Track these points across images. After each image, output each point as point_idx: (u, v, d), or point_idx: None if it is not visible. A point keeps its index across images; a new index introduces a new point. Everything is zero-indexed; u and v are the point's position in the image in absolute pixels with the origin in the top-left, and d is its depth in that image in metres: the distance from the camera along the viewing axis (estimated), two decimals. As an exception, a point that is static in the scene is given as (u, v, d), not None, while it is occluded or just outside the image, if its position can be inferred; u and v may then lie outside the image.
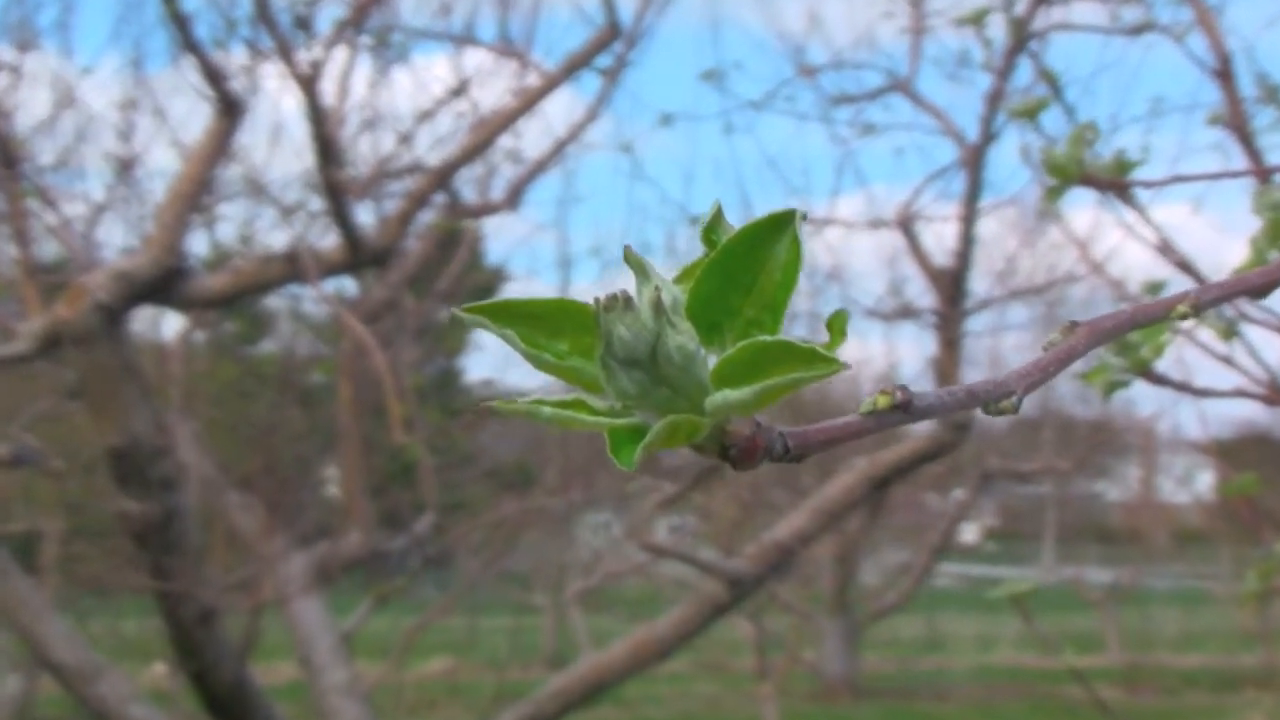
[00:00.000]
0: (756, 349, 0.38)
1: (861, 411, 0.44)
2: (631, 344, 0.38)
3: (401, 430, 2.84)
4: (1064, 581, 9.38)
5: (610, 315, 0.38)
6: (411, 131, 3.28)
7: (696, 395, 0.39)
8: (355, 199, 2.88)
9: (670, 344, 0.38)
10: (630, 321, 0.38)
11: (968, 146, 2.90)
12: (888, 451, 2.99)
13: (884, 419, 0.44)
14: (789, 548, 2.83)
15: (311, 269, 2.68)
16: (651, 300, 0.38)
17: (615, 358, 0.38)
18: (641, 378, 0.38)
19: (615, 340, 0.38)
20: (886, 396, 0.44)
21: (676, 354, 0.38)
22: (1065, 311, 4.32)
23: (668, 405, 0.39)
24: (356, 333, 2.83)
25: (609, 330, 0.38)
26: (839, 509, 2.95)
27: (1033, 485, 9.06)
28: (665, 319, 0.38)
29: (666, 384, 0.38)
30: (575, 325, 0.39)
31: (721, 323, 0.40)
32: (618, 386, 0.38)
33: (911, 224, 3.17)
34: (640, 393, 0.38)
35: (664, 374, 0.38)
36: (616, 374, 0.38)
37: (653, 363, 0.38)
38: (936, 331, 3.09)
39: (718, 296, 0.40)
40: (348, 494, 3.25)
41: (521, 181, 3.27)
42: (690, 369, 0.38)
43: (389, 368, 2.74)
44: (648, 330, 0.38)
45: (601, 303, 0.38)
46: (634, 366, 0.38)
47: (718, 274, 0.40)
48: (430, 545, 3.34)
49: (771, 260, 0.40)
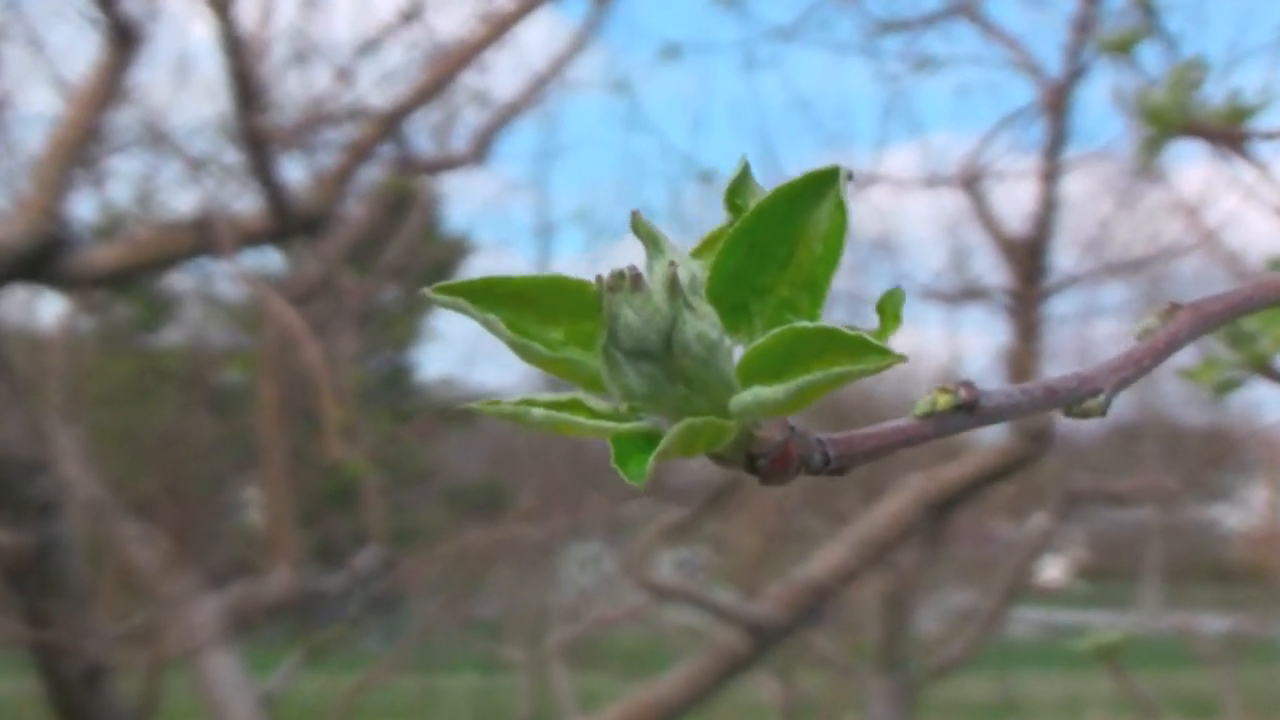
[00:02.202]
0: (792, 337, 0.39)
1: (917, 414, 0.45)
2: (641, 331, 0.39)
3: (340, 441, 2.86)
4: (1170, 630, 9.39)
5: (616, 296, 0.39)
6: (352, 66, 3.29)
7: (719, 393, 0.40)
8: (282, 151, 2.89)
9: (688, 331, 0.39)
10: (640, 304, 0.39)
11: (1049, 85, 2.92)
12: (949, 467, 3.01)
13: (945, 422, 0.46)
14: (825, 588, 2.85)
15: (227, 238, 2.69)
16: (665, 278, 0.39)
17: (621, 348, 0.39)
18: (653, 372, 0.39)
19: (621, 327, 0.39)
20: (948, 395, 0.45)
21: (695, 343, 0.39)
22: (1170, 291, 4.33)
23: (684, 405, 0.40)
24: (283, 318, 2.85)
25: (614, 314, 0.39)
26: (888, 539, 2.97)
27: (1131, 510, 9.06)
28: (682, 301, 0.39)
29: (683, 380, 0.40)
30: (572, 308, 0.40)
31: (750, 305, 0.41)
32: (624, 383, 0.40)
33: (978, 182, 3.19)
34: (651, 390, 0.39)
35: (680, 368, 0.39)
36: (622, 368, 0.39)
37: (666, 354, 0.39)
38: (1010, 316, 3.11)
39: (745, 273, 0.41)
40: (272, 521, 3.26)
41: (490, 129, 3.28)
42: (712, 361, 0.39)
43: (324, 362, 2.76)
44: (660, 314, 0.39)
45: (605, 281, 0.39)
46: (644, 358, 0.39)
47: (745, 246, 0.41)
48: (375, 584, 3.35)
49: (810, 229, 0.41)
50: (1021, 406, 0.48)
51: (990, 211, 3.17)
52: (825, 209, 0.41)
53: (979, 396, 0.46)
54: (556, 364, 0.41)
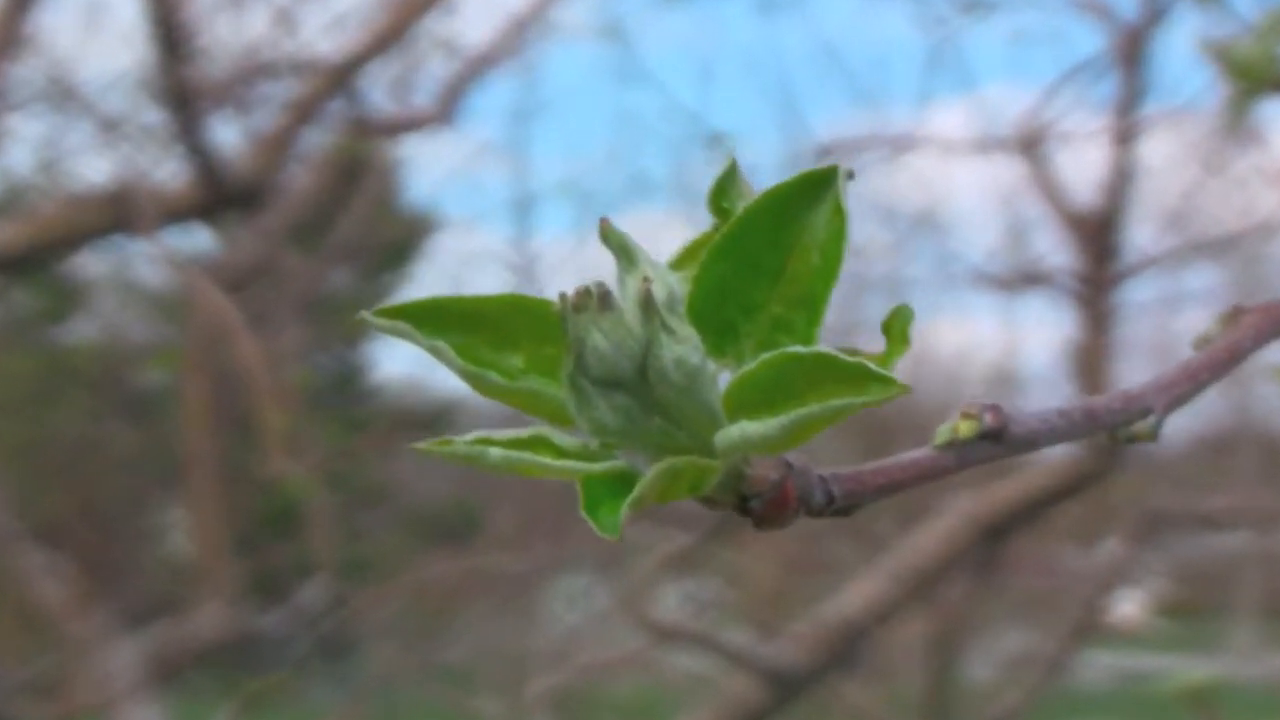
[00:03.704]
0: (785, 363, 0.40)
1: (936, 444, 0.47)
2: (612, 357, 0.40)
3: (282, 453, 2.87)
4: (1268, 676, 9.40)
5: (582, 317, 0.40)
6: (294, 9, 3.30)
7: (703, 427, 0.41)
8: (212, 109, 2.91)
9: (666, 356, 0.40)
10: (610, 326, 0.40)
11: (1122, 31, 2.93)
12: (1005, 484, 3.02)
13: (968, 453, 0.47)
14: (859, 627, 2.87)
15: (147, 213, 2.71)
16: (639, 295, 0.40)
17: (589, 376, 0.40)
18: (627, 404, 0.40)
19: (589, 352, 0.40)
20: (970, 421, 0.46)
21: (674, 370, 0.40)
22: (1268, 274, 4.33)
23: (663, 442, 0.41)
24: (214, 308, 2.86)
25: (580, 338, 0.40)
26: (933, 569, 2.99)
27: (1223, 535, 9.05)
28: (659, 321, 0.40)
29: (661, 412, 0.41)
30: (534, 331, 0.41)
31: (737, 325, 0.42)
32: (593, 417, 0.41)
33: (1039, 145, 3.20)
34: (625, 425, 0.41)
35: (657, 398, 0.40)
36: (591, 399, 0.40)
37: (641, 383, 0.40)
38: (1077, 304, 3.12)
39: (732, 288, 0.42)
40: (201, 548, 3.27)
41: (459, 84, 3.29)
42: (693, 391, 0.40)
43: (263, 360, 2.77)
44: (634, 337, 0.40)
45: (569, 300, 0.40)
46: (616, 388, 0.40)
47: (732, 257, 0.42)
48: (324, 624, 3.36)
49: (806, 237, 0.42)
50: (1057, 432, 0.49)
51: (1053, 180, 3.18)
52: (822, 214, 0.42)
53: (1007, 422, 0.47)
54: (516, 395, 0.42)
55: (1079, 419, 0.50)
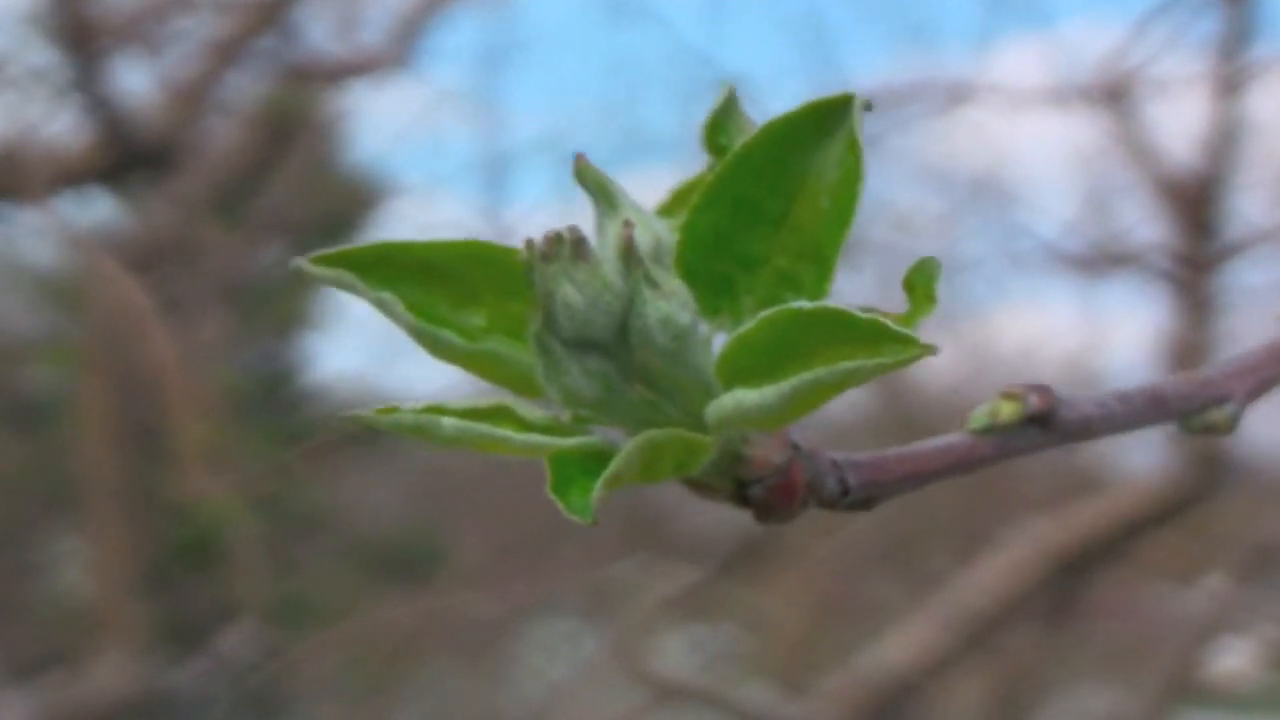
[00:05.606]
0: (788, 321, 0.41)
1: (972, 428, 0.48)
2: (586, 314, 0.40)
3: (200, 471, 2.88)
4: None
5: (552, 267, 0.40)
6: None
7: (693, 398, 0.42)
8: (116, 51, 2.92)
9: (650, 314, 0.41)
10: (585, 278, 0.40)
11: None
12: (1084, 507, 3.03)
13: (1010, 440, 0.48)
14: (906, 682, 2.88)
15: (37, 176, 2.72)
16: (620, 243, 0.41)
17: (560, 337, 0.41)
18: (603, 369, 0.41)
19: (560, 308, 0.40)
20: (1014, 403, 0.48)
21: (660, 330, 0.41)
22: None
23: (646, 414, 0.42)
24: (118, 292, 2.87)
25: (549, 292, 0.40)
26: (996, 614, 3.00)
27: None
28: (642, 273, 0.41)
29: (644, 380, 0.42)
30: (498, 284, 0.42)
31: (735, 280, 0.43)
32: (564, 384, 0.41)
33: (1126, 96, 3.21)
34: (601, 394, 0.41)
35: (639, 363, 0.41)
36: (563, 363, 0.41)
37: (621, 345, 0.41)
38: (1172, 288, 3.13)
39: (728, 237, 0.43)
40: (102, 586, 3.29)
41: (416, 20, 3.31)
42: (682, 355, 0.41)
43: (177, 356, 2.78)
44: (613, 292, 0.41)
45: (538, 248, 0.40)
46: (591, 351, 0.41)
47: (728, 201, 0.43)
48: (251, 677, 3.38)
49: (814, 178, 0.43)
50: (1116, 419, 0.50)
51: (1143, 138, 3.19)
52: (834, 152, 0.43)
53: (1057, 405, 0.48)
54: (476, 359, 0.42)
55: (1142, 405, 0.50)
